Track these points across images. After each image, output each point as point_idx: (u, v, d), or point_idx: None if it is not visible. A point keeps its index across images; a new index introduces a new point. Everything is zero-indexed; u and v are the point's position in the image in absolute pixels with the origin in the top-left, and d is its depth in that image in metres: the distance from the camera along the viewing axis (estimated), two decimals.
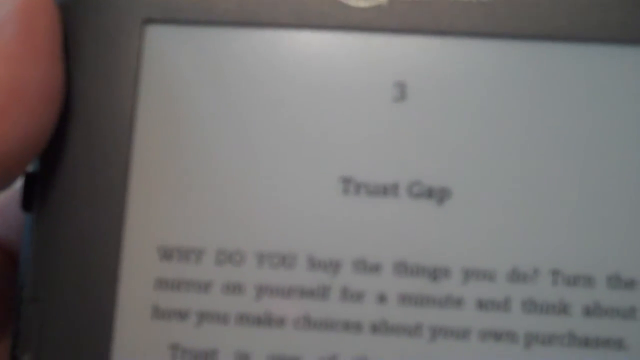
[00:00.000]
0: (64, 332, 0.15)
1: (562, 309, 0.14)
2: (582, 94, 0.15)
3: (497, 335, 0.14)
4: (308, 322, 0.14)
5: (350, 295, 0.15)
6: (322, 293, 0.15)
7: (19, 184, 0.16)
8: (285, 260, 0.15)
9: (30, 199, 0.15)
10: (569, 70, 0.15)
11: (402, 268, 0.15)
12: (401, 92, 0.15)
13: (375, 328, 0.14)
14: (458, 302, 0.14)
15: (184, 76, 0.15)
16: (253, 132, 0.15)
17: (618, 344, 0.14)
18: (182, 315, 0.15)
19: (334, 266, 0.15)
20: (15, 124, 0.14)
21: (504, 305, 0.14)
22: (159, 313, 0.15)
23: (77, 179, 0.15)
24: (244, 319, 0.15)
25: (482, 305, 0.14)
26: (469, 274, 0.14)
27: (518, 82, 0.15)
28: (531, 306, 0.14)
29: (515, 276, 0.14)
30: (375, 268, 0.15)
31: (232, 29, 0.15)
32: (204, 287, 0.15)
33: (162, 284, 0.15)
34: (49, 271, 0.15)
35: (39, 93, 0.14)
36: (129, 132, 0.15)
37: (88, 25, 0.15)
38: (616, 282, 0.14)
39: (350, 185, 0.15)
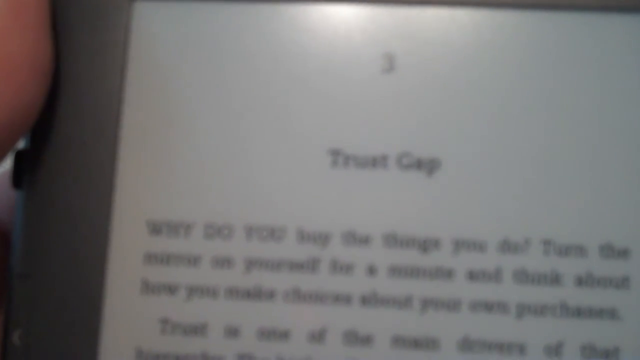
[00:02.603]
0: (53, 307, 0.15)
1: (554, 279, 0.14)
2: (573, 63, 0.15)
3: (488, 306, 0.14)
4: (297, 295, 0.14)
5: (340, 268, 0.14)
6: (311, 266, 0.14)
7: (8, 165, 0.16)
8: (274, 234, 0.15)
9: (20, 176, 0.15)
10: (559, 39, 0.15)
11: (392, 240, 0.14)
12: (390, 63, 0.15)
13: (365, 300, 0.14)
14: (448, 273, 0.14)
15: (172, 52, 0.15)
16: (241, 106, 0.15)
17: (611, 314, 0.14)
18: (171, 289, 0.15)
19: (323, 239, 0.14)
20: (2, 98, 0.14)
21: (495, 276, 0.14)
22: (148, 287, 0.15)
23: (66, 155, 0.15)
24: (233, 292, 0.14)
25: (472, 276, 0.14)
26: (459, 245, 0.14)
27: (507, 51, 0.15)
28: (523, 276, 0.14)
29: (507, 246, 0.14)
30: (365, 240, 0.14)
31: (219, 4, 0.15)
32: (193, 261, 0.15)
33: (152, 258, 0.15)
34: (39, 247, 0.15)
35: (27, 67, 0.14)
36: (118, 108, 0.15)
37: (76, 1, 0.15)
38: (609, 251, 0.14)
39: (339, 157, 0.15)
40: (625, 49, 0.15)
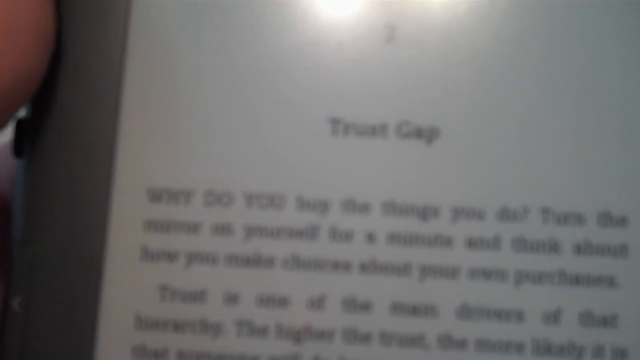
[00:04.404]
0: (54, 274, 0.15)
1: (553, 246, 0.14)
2: (574, 31, 0.15)
3: (486, 274, 0.14)
4: (297, 262, 0.14)
5: (339, 235, 0.14)
6: (310, 233, 0.14)
7: (8, 136, 0.16)
8: (274, 201, 0.15)
9: (21, 145, 0.15)
10: (560, 8, 0.15)
11: (391, 207, 0.14)
12: (390, 33, 0.15)
13: (364, 267, 0.14)
14: (447, 241, 0.14)
15: (174, 19, 0.15)
16: (242, 73, 0.15)
17: (609, 282, 0.14)
18: (171, 256, 0.15)
19: (322, 206, 0.15)
20: (4, 62, 0.14)
21: (493, 243, 0.14)
22: (148, 254, 0.15)
23: (67, 122, 0.15)
24: (232, 259, 0.15)
25: (471, 243, 0.14)
26: (458, 213, 0.14)
27: (507, 20, 0.15)
28: (521, 244, 0.14)
29: (505, 214, 0.14)
30: (364, 208, 0.14)
31: None
32: (193, 228, 0.15)
33: (152, 225, 0.15)
34: (40, 214, 0.15)
35: (30, 32, 0.14)
36: (119, 75, 0.15)
37: None
38: (607, 219, 0.14)
39: (339, 126, 0.15)
40: (624, 18, 0.15)
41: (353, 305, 0.14)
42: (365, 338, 0.14)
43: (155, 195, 0.15)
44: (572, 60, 0.15)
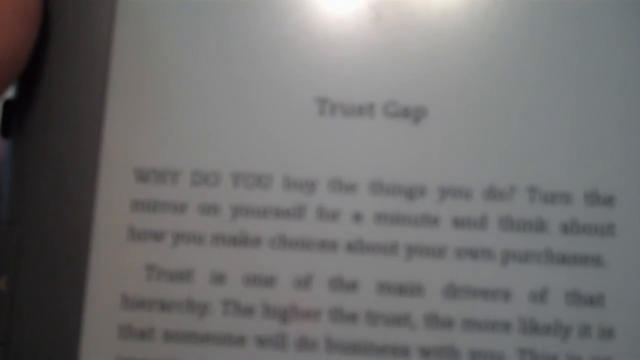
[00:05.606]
0: (40, 254, 0.15)
1: (539, 226, 0.14)
2: (559, 17, 0.15)
3: (473, 253, 0.14)
4: (283, 242, 0.14)
5: (326, 215, 0.14)
6: (297, 213, 0.14)
7: None
8: (260, 181, 0.15)
9: (8, 125, 0.15)
10: None
11: (378, 187, 0.14)
12: (376, 13, 0.15)
13: (351, 247, 0.14)
14: (434, 221, 0.14)
15: (161, 1, 0.15)
16: (229, 53, 0.15)
17: (596, 261, 0.14)
18: (157, 236, 0.15)
19: (309, 186, 0.14)
20: None
21: (480, 223, 0.14)
22: (134, 234, 0.15)
23: (54, 103, 0.15)
24: (219, 239, 0.14)
25: (458, 223, 0.14)
26: (445, 192, 0.14)
27: (493, 1, 0.15)
28: (508, 224, 0.14)
29: (492, 194, 0.14)
30: (351, 187, 0.14)
31: None
32: (180, 208, 0.15)
33: (138, 205, 0.15)
34: (27, 194, 0.15)
35: (14, 11, 0.14)
36: (106, 55, 0.15)
37: None
38: (594, 198, 0.14)
39: (326, 105, 0.15)
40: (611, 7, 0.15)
41: (339, 284, 0.14)
42: (352, 317, 0.14)
43: (142, 175, 0.15)
44: (558, 39, 0.14)
